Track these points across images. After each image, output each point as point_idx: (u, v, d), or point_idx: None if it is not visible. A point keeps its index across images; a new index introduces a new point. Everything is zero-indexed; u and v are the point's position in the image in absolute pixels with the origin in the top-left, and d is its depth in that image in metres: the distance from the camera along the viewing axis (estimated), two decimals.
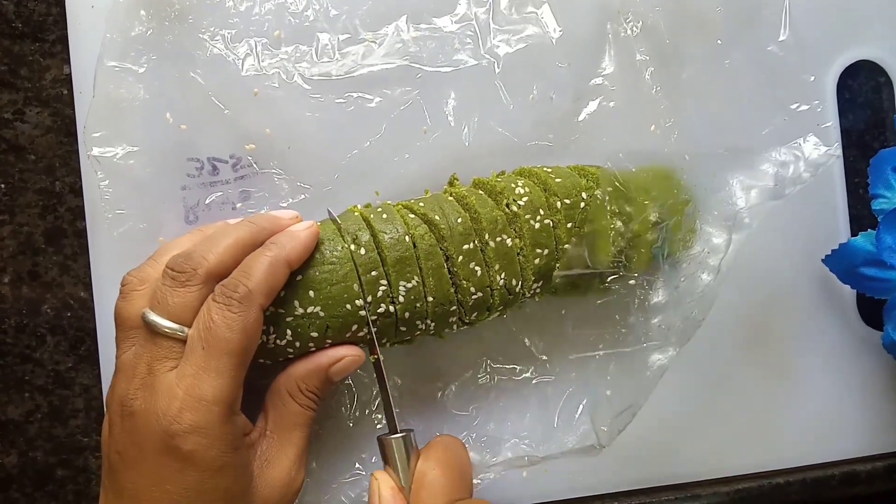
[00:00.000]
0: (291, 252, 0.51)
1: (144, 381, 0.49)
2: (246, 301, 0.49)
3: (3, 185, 0.60)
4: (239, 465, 0.50)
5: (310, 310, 0.52)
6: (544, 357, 0.62)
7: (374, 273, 0.53)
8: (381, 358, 0.55)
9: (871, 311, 0.66)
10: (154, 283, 0.51)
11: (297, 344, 0.53)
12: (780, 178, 0.60)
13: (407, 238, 0.54)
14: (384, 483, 0.54)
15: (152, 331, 0.50)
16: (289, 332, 0.53)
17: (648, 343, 0.58)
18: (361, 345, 0.55)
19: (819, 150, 0.59)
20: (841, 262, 0.63)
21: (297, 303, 0.52)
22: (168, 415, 0.47)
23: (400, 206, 0.56)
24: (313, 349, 0.54)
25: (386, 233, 0.54)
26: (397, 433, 0.54)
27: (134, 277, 0.52)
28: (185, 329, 0.49)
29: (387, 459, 0.55)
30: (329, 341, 0.54)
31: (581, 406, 0.62)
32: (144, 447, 0.48)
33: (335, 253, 0.53)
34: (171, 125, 0.58)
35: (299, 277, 0.53)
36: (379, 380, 0.55)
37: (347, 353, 0.54)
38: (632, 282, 0.61)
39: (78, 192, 0.60)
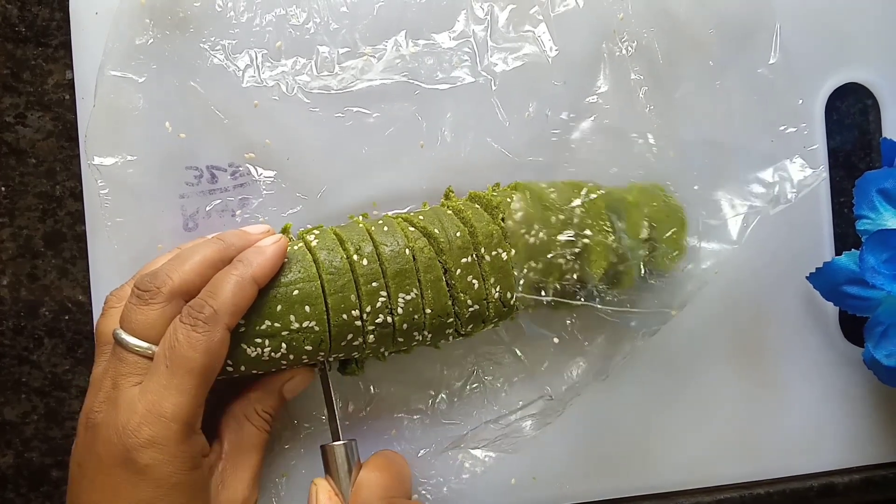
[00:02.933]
0: (258, 269, 0.52)
1: (108, 396, 0.50)
2: (211, 321, 0.50)
3: (3, 189, 0.61)
4: (195, 486, 0.51)
5: (305, 324, 0.53)
6: (534, 367, 0.63)
7: (374, 284, 0.54)
8: (328, 367, 0.56)
9: (852, 328, 0.67)
10: None
11: (292, 357, 0.54)
12: (767, 197, 0.61)
13: (407, 251, 0.55)
14: (322, 489, 0.54)
15: (119, 347, 0.51)
16: (284, 345, 0.53)
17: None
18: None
19: (805, 171, 0.61)
20: (825, 280, 0.64)
21: (291, 317, 0.53)
22: (127, 428, 0.48)
23: (400, 219, 0.57)
24: (306, 361, 0.55)
25: (387, 245, 0.55)
26: (340, 441, 0.55)
27: (114, 296, 0.54)
28: (152, 346, 0.50)
29: (328, 468, 0.55)
30: (322, 352, 0.55)
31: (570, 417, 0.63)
32: (102, 459, 0.49)
33: (335, 263, 0.54)
34: (170, 134, 0.58)
35: (296, 292, 0.53)
36: (324, 387, 0.56)
37: (297, 371, 0.56)
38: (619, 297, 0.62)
39: (78, 196, 0.61)
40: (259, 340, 0.53)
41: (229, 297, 0.50)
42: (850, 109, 0.68)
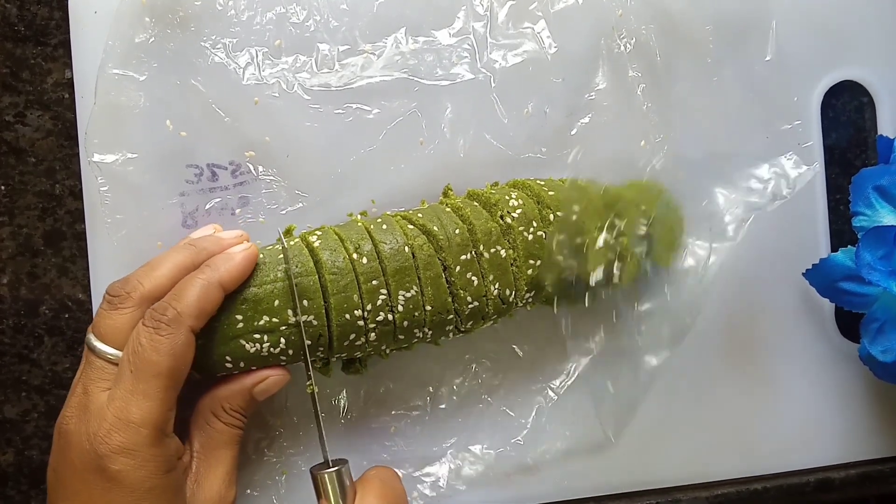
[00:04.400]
0: (225, 274, 0.52)
1: (80, 402, 0.50)
2: (174, 324, 0.49)
3: (3, 187, 0.61)
4: (170, 489, 0.50)
5: (303, 318, 0.54)
6: (533, 364, 0.64)
7: (374, 282, 0.54)
8: (316, 390, 0.55)
9: (848, 324, 0.68)
10: None
11: (291, 352, 0.54)
12: (764, 193, 0.61)
13: (406, 249, 0.55)
14: None
15: (90, 352, 0.51)
16: (282, 340, 0.54)
17: (642, 344, 0.60)
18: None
19: (800, 168, 0.61)
20: (821, 277, 0.64)
21: (289, 312, 0.53)
22: (98, 435, 0.48)
23: (399, 217, 0.57)
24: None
25: (386, 243, 0.55)
26: (330, 467, 0.54)
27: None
28: (118, 352, 0.50)
29: (320, 494, 0.54)
30: (322, 347, 0.55)
31: (569, 413, 0.63)
32: (75, 466, 0.49)
33: (337, 263, 0.54)
34: (171, 132, 0.58)
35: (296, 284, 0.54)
36: (314, 411, 0.56)
37: (271, 374, 0.55)
38: (620, 292, 0.62)
39: (78, 195, 0.60)
40: (258, 336, 0.53)
41: (193, 299, 0.50)
42: (845, 107, 0.69)
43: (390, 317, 0.55)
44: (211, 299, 0.51)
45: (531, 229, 0.57)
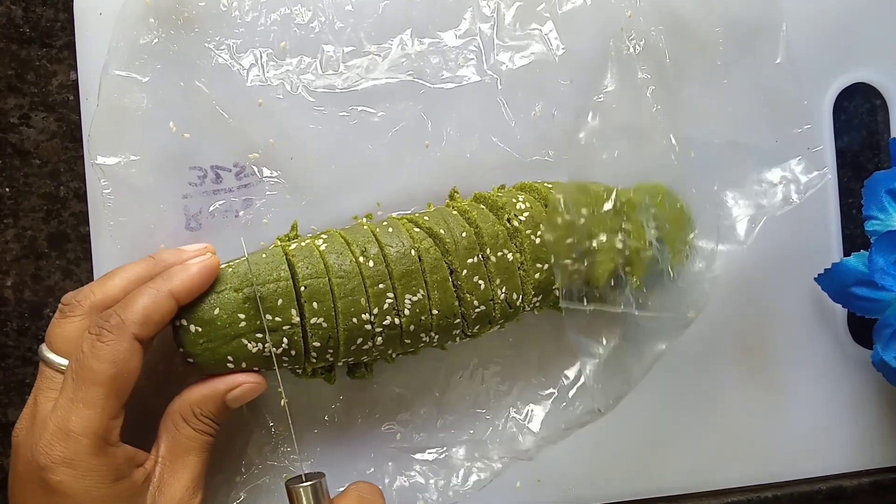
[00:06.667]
0: (178, 284, 0.51)
1: (30, 412, 0.50)
2: (116, 331, 0.49)
3: (7, 189, 0.61)
4: (122, 497, 0.49)
5: (313, 321, 0.53)
6: (540, 368, 0.63)
7: (381, 286, 0.54)
8: (288, 402, 0.55)
9: (861, 329, 0.67)
10: None
11: (293, 352, 0.54)
12: (773, 198, 0.61)
13: (413, 252, 0.55)
14: None
15: (41, 362, 0.51)
16: (285, 340, 0.53)
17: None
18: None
19: (811, 172, 0.60)
20: (833, 282, 0.63)
21: (293, 311, 0.53)
22: (39, 446, 0.48)
23: (405, 220, 0.57)
24: (315, 360, 0.55)
25: (392, 246, 0.55)
26: (304, 482, 0.53)
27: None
28: (66, 361, 0.50)
29: None
30: (331, 349, 0.54)
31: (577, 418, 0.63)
32: (23, 477, 0.49)
33: (344, 267, 0.54)
34: (174, 134, 0.58)
35: (303, 288, 0.53)
36: (289, 423, 0.56)
37: (246, 381, 0.53)
38: (627, 297, 0.62)
39: (82, 197, 0.60)
40: (260, 336, 0.53)
41: (139, 307, 0.50)
42: (857, 109, 0.68)
43: (397, 321, 0.54)
44: (159, 308, 0.50)
45: (538, 233, 0.57)
